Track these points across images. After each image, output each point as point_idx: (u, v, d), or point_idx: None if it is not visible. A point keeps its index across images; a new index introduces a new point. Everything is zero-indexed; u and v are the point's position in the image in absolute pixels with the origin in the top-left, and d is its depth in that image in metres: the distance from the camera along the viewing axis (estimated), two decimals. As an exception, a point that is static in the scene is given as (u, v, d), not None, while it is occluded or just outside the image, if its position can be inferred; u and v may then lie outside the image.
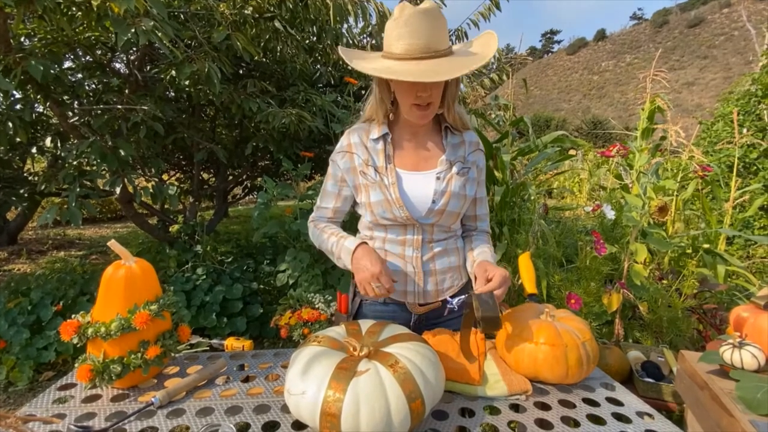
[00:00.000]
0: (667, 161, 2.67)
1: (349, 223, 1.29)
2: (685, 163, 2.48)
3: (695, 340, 2.14)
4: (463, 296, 0.95)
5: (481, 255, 1.13)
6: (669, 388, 1.67)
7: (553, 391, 0.88)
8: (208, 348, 2.00)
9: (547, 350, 0.84)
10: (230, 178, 3.89)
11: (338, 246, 1.07)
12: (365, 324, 0.87)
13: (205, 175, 4.96)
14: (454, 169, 1.11)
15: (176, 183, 4.80)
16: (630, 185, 2.60)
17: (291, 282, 2.62)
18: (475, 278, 1.04)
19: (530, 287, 1.06)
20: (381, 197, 1.07)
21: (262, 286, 3.50)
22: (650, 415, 0.82)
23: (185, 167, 4.40)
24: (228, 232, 5.91)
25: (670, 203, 1.91)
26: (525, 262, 1.11)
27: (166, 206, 3.75)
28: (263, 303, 3.26)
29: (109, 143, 2.20)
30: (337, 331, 0.85)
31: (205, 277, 3.38)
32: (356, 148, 1.11)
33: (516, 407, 0.83)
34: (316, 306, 1.80)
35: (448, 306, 0.96)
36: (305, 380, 0.69)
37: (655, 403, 1.63)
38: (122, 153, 2.40)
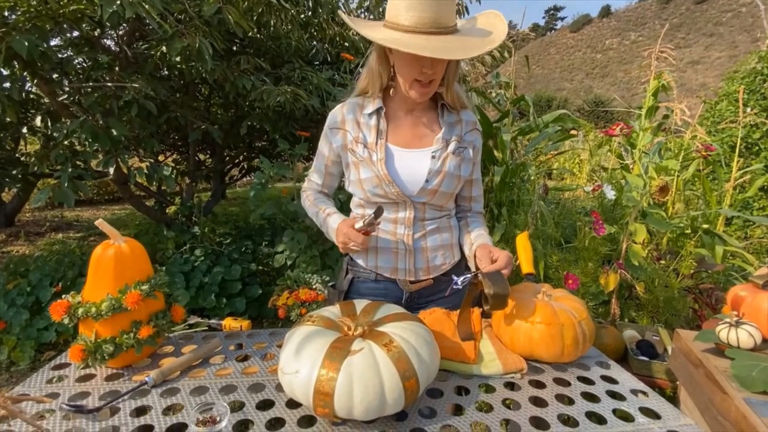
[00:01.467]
0: (669, 141, 2.62)
1: (346, 204, 1.28)
2: (687, 142, 2.44)
3: (690, 320, 2.16)
4: (468, 275, 0.94)
5: (480, 238, 1.12)
6: (662, 366, 1.68)
7: (548, 370, 0.88)
8: (206, 328, 2.01)
9: (543, 329, 0.84)
10: (227, 159, 3.84)
11: (326, 224, 1.11)
12: (360, 304, 0.87)
13: (202, 156, 4.91)
14: (450, 148, 1.08)
15: (172, 164, 4.75)
16: (631, 165, 2.57)
17: (289, 263, 2.62)
18: (476, 259, 1.03)
19: (527, 267, 1.05)
20: (370, 174, 1.05)
21: (261, 267, 3.50)
22: (644, 393, 0.82)
23: (181, 148, 4.35)
24: (226, 214, 5.89)
25: (671, 183, 1.89)
26: (523, 241, 1.09)
27: (163, 188, 3.72)
28: (262, 284, 3.28)
29: (100, 122, 2.15)
30: (332, 311, 0.84)
31: (203, 258, 3.38)
32: (348, 124, 1.08)
33: (511, 385, 0.83)
34: (314, 286, 1.80)
35: (453, 286, 0.96)
36: (299, 359, 0.68)
37: (649, 380, 1.65)
38: (115, 133, 2.36)
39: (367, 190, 1.06)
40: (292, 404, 0.74)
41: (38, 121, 2.50)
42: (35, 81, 2.17)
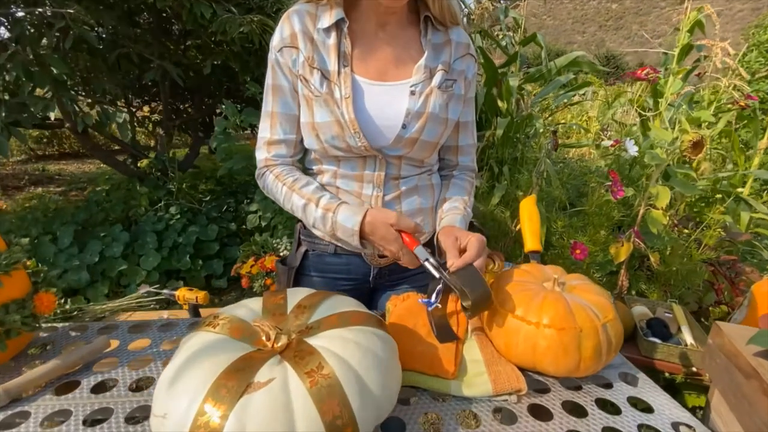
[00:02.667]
0: (703, 89, 2.28)
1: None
2: (722, 91, 2.10)
3: (701, 293, 1.93)
4: (438, 285, 0.67)
5: (450, 214, 0.83)
6: (677, 349, 1.47)
7: (556, 388, 0.64)
8: (155, 301, 1.79)
9: (553, 335, 0.59)
10: (203, 108, 3.47)
11: (330, 223, 0.77)
12: (296, 295, 0.61)
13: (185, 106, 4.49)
14: (435, 81, 0.79)
15: (147, 113, 4.36)
16: (652, 119, 2.24)
17: (264, 224, 2.38)
18: (440, 251, 0.76)
19: (533, 242, 0.79)
20: (329, 117, 0.75)
21: (245, 227, 3.26)
22: (690, 427, 0.59)
23: (156, 96, 3.94)
24: (215, 169, 5.57)
25: (706, 138, 1.61)
26: (528, 207, 0.82)
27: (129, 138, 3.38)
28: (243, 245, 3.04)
29: (30, 56, 1.80)
30: (251, 308, 0.58)
31: (179, 216, 3.13)
32: (300, 41, 0.77)
33: (503, 412, 0.59)
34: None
35: (429, 308, 0.69)
36: (172, 394, 0.44)
37: (660, 364, 1.46)
38: (55, 71, 2.01)
39: (325, 140, 0.77)
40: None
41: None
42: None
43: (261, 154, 0.85)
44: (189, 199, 3.35)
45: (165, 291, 1.53)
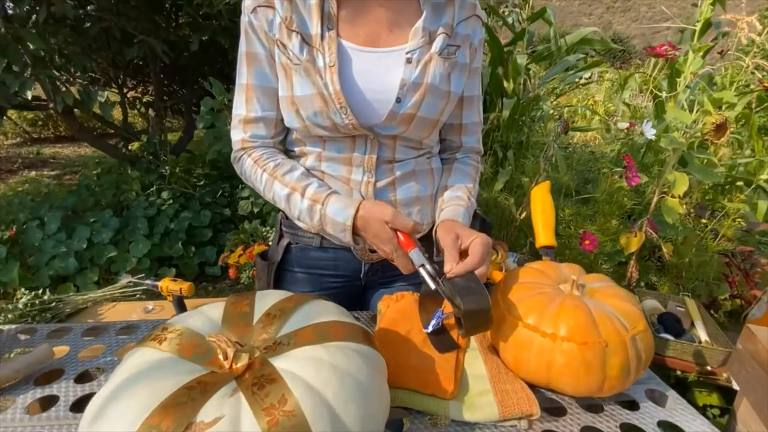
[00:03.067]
0: (725, 68, 2.13)
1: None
2: (743, 71, 1.97)
3: (712, 287, 1.84)
4: (439, 313, 0.58)
5: (450, 205, 0.72)
6: (691, 347, 1.38)
7: (573, 408, 0.55)
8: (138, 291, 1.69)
9: (573, 351, 0.49)
10: (195, 88, 3.33)
11: (318, 216, 0.67)
12: (266, 300, 0.51)
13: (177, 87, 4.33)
14: (436, 47, 0.67)
15: (139, 94, 4.22)
16: (666, 100, 2.11)
17: (257, 210, 2.28)
18: (439, 249, 0.66)
19: (546, 236, 0.68)
20: (311, 90, 0.64)
21: (241, 213, 3.17)
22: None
23: (144, 77, 3.80)
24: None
25: (730, 120, 1.49)
26: (541, 196, 0.71)
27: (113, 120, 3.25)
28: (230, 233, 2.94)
29: (2, 30, 1.67)
30: (210, 316, 0.49)
31: (171, 201, 3.03)
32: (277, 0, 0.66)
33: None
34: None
35: (425, 329, 0.60)
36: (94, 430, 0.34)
37: (672, 362, 1.38)
38: (31, 46, 1.88)
39: (306, 117, 0.66)
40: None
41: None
42: None
43: (236, 135, 0.74)
44: (182, 183, 3.24)
45: (147, 281, 1.43)
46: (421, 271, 0.59)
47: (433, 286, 0.57)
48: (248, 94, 0.71)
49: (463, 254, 0.60)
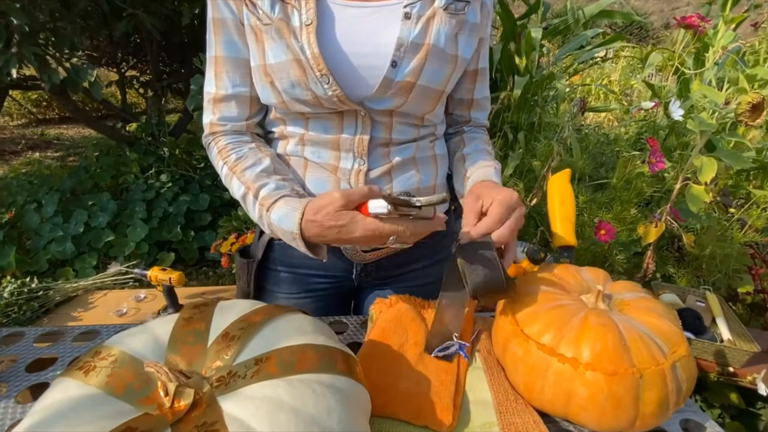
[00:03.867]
0: (760, 41, 1.96)
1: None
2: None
3: (734, 277, 1.73)
4: (454, 344, 0.49)
5: (479, 168, 0.63)
6: (712, 346, 1.29)
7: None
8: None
9: (598, 382, 0.40)
10: (193, 66, 3.21)
11: (266, 225, 0.56)
12: (227, 315, 0.42)
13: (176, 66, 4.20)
14: (439, 1, 0.56)
15: (137, 74, 4.10)
16: (692, 78, 1.95)
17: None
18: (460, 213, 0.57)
19: (565, 234, 0.58)
20: (285, 56, 0.54)
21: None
22: None
23: (143, 56, 3.67)
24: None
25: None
26: (560, 187, 0.61)
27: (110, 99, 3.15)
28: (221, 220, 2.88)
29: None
30: (157, 335, 0.40)
31: (170, 184, 2.96)
32: None
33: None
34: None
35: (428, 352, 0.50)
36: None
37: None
38: (15, 21, 1.78)
39: (282, 89, 0.56)
40: None
41: None
42: None
43: (206, 117, 0.64)
44: (183, 166, 3.17)
45: (136, 270, 1.37)
46: (377, 211, 0.45)
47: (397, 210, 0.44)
48: (217, 68, 0.61)
49: (481, 215, 0.51)
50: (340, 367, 0.38)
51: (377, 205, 0.45)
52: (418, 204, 0.44)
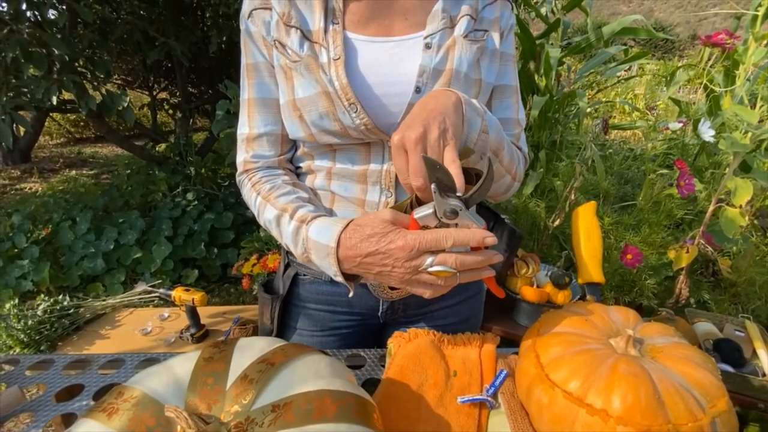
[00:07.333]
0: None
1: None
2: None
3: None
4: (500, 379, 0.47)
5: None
6: (754, 381, 1.21)
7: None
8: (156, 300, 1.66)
9: (629, 436, 0.38)
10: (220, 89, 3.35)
11: (302, 240, 0.55)
12: (246, 355, 0.42)
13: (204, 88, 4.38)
14: (460, 29, 0.57)
15: (167, 96, 4.30)
16: (722, 95, 1.89)
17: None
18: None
19: (592, 269, 0.56)
20: (314, 89, 0.55)
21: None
22: None
23: (173, 79, 3.85)
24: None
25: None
26: (586, 220, 0.59)
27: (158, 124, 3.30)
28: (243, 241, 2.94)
29: (24, 35, 1.69)
30: (176, 376, 0.40)
31: (196, 203, 3.05)
32: None
33: None
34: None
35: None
36: None
37: (732, 397, 1.21)
38: (56, 51, 1.90)
39: (311, 121, 0.58)
40: None
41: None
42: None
43: (239, 156, 0.66)
44: (208, 184, 3.27)
45: (161, 290, 1.41)
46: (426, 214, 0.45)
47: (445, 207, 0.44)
48: (250, 110, 0.63)
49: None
50: (357, 415, 0.37)
51: (423, 209, 0.45)
52: (459, 195, 0.43)
